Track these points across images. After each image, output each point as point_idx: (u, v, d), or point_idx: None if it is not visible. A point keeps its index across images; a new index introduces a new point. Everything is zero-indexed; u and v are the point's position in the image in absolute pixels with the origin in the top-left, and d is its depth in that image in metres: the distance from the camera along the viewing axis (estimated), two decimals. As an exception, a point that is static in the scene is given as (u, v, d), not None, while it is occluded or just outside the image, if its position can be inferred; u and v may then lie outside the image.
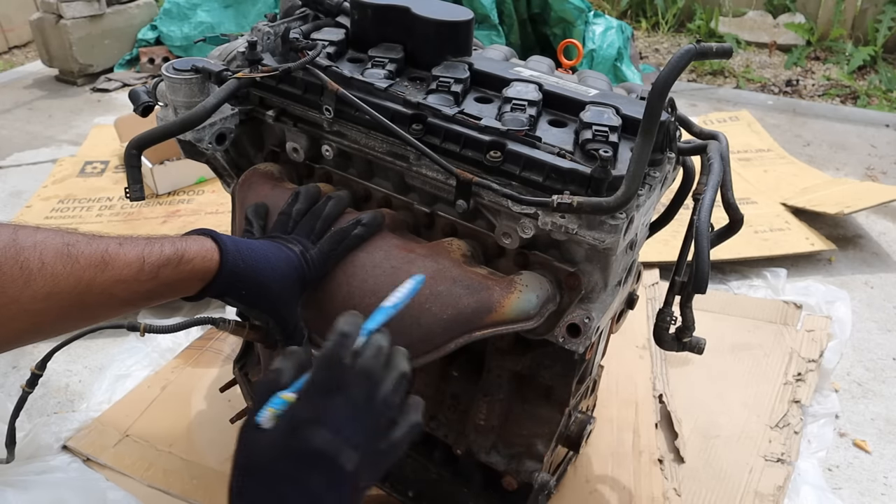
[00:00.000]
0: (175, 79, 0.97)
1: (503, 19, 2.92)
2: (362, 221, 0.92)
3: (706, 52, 0.74)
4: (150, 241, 0.76)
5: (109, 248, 0.72)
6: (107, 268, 0.71)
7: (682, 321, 0.97)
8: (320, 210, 0.94)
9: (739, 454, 1.39)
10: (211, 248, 0.80)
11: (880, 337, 1.79)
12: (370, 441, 0.67)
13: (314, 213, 0.94)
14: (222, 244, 0.81)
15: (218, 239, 0.82)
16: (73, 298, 0.68)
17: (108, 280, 0.71)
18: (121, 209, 2.23)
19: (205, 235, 0.82)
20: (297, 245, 0.89)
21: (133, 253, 0.73)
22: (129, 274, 0.72)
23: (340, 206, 0.96)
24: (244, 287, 0.82)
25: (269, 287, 0.84)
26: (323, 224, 0.93)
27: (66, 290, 0.67)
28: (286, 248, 0.88)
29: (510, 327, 0.84)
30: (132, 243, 0.75)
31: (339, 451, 0.64)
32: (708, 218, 0.85)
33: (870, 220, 2.26)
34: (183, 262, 0.77)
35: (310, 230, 0.92)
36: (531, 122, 0.88)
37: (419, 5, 0.98)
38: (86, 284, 0.69)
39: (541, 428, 1.05)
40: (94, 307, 0.72)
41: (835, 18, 3.81)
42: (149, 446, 1.37)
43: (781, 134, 2.88)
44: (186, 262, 0.77)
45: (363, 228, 0.92)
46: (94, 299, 0.70)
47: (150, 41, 3.54)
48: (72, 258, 0.68)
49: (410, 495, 1.23)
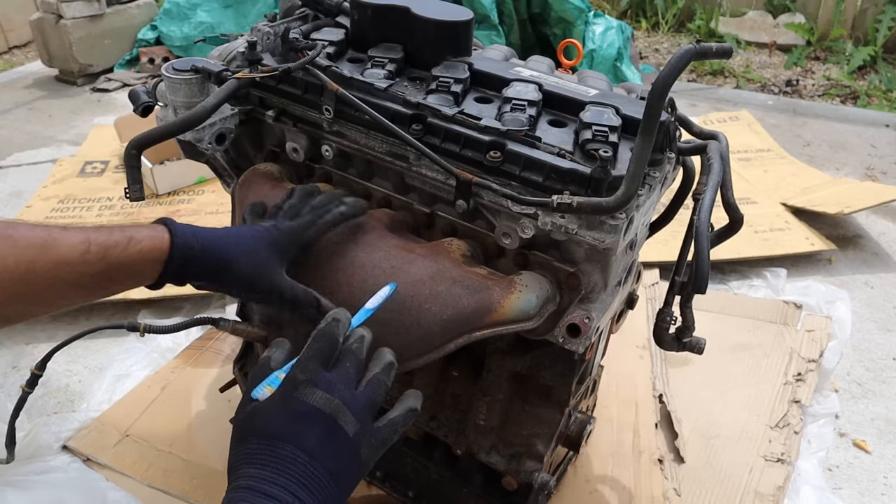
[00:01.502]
0: (175, 79, 0.97)
1: (503, 19, 2.92)
2: (344, 200, 0.93)
3: (706, 52, 0.74)
4: (99, 228, 0.77)
5: (52, 231, 0.73)
6: (49, 249, 0.72)
7: (682, 321, 0.97)
8: (309, 199, 0.94)
9: (739, 454, 1.39)
10: (161, 230, 0.80)
11: (880, 337, 1.79)
12: (367, 415, 0.69)
13: (301, 198, 0.94)
14: (172, 226, 0.81)
15: (169, 223, 0.82)
16: (16, 278, 0.70)
17: (51, 261, 0.72)
18: (121, 209, 2.23)
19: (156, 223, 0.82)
20: (270, 220, 0.90)
21: (78, 236, 0.74)
22: (74, 256, 0.73)
23: (328, 199, 0.95)
24: (201, 265, 0.82)
25: (230, 263, 0.83)
26: (311, 208, 0.93)
27: (7, 271, 0.69)
28: (255, 225, 0.89)
29: (510, 327, 0.84)
30: (78, 228, 0.76)
31: (337, 410, 0.66)
32: (708, 218, 0.85)
33: (870, 220, 2.26)
34: (132, 244, 0.77)
35: (293, 216, 0.92)
36: (531, 122, 0.88)
37: (419, 5, 0.98)
38: (27, 264, 0.70)
39: (541, 428, 1.05)
40: (40, 288, 0.73)
41: (835, 18, 3.81)
42: (149, 446, 1.37)
43: (781, 134, 2.88)
44: (135, 244, 0.77)
45: (346, 207, 0.92)
46: (39, 279, 0.72)
47: (150, 41, 3.53)
48: (11, 240, 0.70)
49: (410, 495, 1.23)
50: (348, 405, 0.67)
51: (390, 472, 1.26)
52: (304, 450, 0.64)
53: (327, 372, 0.69)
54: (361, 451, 0.68)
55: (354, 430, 0.67)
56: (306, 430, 0.65)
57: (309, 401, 0.66)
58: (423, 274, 0.87)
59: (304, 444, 0.64)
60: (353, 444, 0.67)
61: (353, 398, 0.68)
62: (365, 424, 0.68)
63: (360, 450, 0.68)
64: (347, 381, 0.69)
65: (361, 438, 0.67)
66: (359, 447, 0.67)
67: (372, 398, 0.70)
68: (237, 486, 0.63)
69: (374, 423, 0.70)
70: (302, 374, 0.68)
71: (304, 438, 0.65)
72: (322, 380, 0.68)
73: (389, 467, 1.25)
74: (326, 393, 0.67)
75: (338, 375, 0.69)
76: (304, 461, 0.64)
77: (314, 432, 0.65)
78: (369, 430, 0.69)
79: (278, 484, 0.62)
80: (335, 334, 0.72)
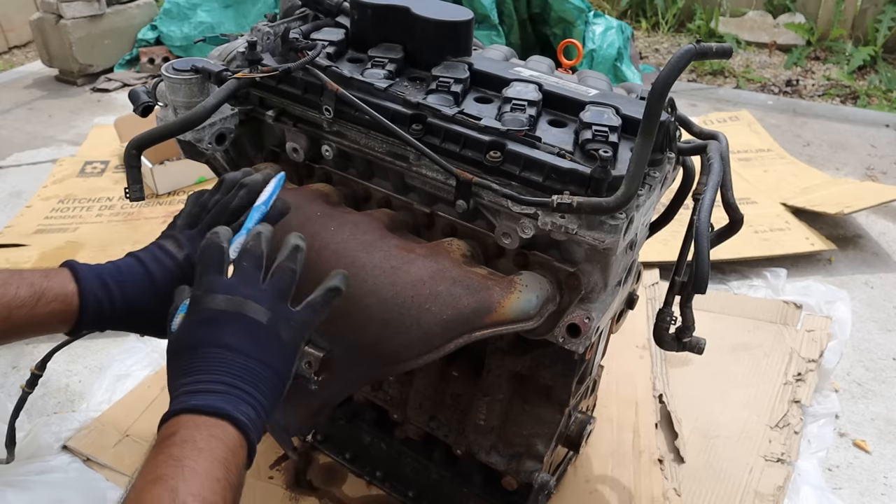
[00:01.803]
0: (175, 79, 0.97)
1: (503, 19, 2.92)
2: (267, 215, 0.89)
3: (706, 52, 0.74)
4: (6, 282, 0.74)
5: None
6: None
7: (682, 321, 0.97)
8: (228, 203, 0.87)
9: (739, 454, 1.39)
10: (71, 290, 0.77)
11: (880, 337, 1.79)
12: (278, 302, 0.72)
13: (222, 207, 0.87)
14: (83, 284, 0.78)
15: (80, 278, 0.78)
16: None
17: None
18: (121, 209, 2.23)
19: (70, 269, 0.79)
20: (185, 248, 0.84)
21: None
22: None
23: (252, 196, 0.86)
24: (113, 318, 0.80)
25: (144, 313, 0.81)
26: (228, 219, 0.86)
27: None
28: (166, 255, 0.83)
29: (510, 327, 0.84)
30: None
31: (240, 305, 0.70)
32: (708, 218, 0.85)
33: (870, 220, 2.26)
34: (40, 304, 0.75)
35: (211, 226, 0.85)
36: (531, 122, 0.88)
37: (419, 5, 0.98)
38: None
39: (541, 428, 1.05)
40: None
41: (835, 18, 3.81)
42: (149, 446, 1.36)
43: (781, 134, 2.88)
44: (44, 305, 0.75)
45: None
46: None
47: (150, 41, 3.54)
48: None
49: (410, 495, 1.24)
50: (254, 299, 0.70)
51: (390, 472, 1.26)
52: (221, 346, 0.68)
53: (221, 276, 0.72)
54: (281, 335, 0.71)
55: (266, 317, 0.70)
56: (218, 330, 0.69)
57: (211, 306, 0.70)
58: (423, 274, 0.87)
59: (219, 341, 0.68)
60: (268, 329, 0.70)
61: (259, 291, 0.71)
62: (278, 311, 0.71)
63: (279, 333, 0.71)
64: (247, 279, 0.72)
65: (277, 323, 0.71)
66: (276, 331, 0.71)
67: (279, 286, 0.73)
68: (175, 396, 0.67)
69: (290, 308, 0.73)
70: (199, 289, 0.72)
71: (219, 336, 0.68)
72: (219, 285, 0.71)
73: (389, 467, 1.25)
74: (227, 295, 0.70)
75: (236, 277, 0.72)
76: (223, 354, 0.67)
77: (225, 329, 0.69)
78: (284, 314, 0.72)
79: (207, 381, 0.66)
80: (217, 243, 0.74)
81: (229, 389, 0.66)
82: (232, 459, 0.62)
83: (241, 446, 0.64)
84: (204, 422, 0.63)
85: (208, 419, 0.63)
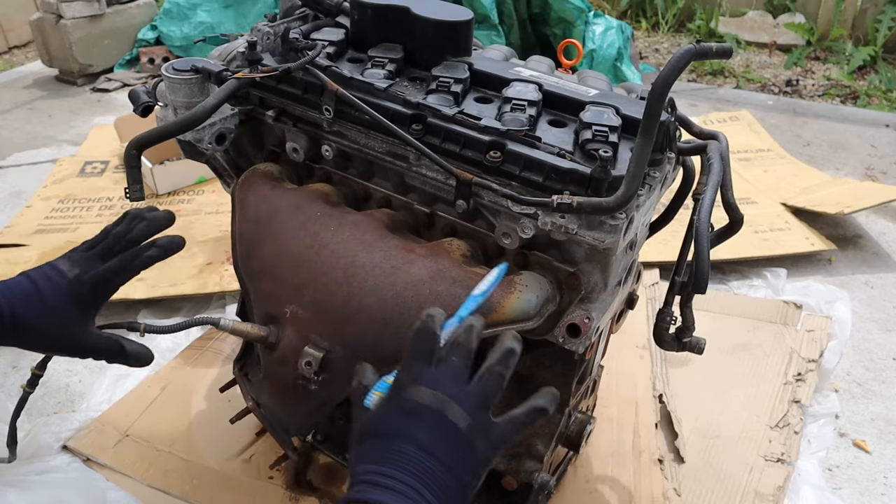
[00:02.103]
0: (175, 79, 0.97)
1: (503, 19, 2.92)
2: (158, 244, 0.91)
3: (706, 52, 0.74)
4: None
5: None
6: None
7: (682, 321, 0.97)
8: (125, 232, 0.91)
9: (739, 454, 1.39)
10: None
11: (880, 337, 1.79)
12: (481, 409, 0.68)
13: (118, 235, 0.91)
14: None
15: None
16: None
17: None
18: (121, 209, 2.23)
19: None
20: (76, 268, 0.87)
21: None
22: None
23: (151, 229, 0.93)
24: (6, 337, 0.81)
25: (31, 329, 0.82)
26: (124, 246, 0.91)
27: None
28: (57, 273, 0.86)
29: (510, 327, 0.84)
30: None
31: (443, 404, 0.66)
32: (708, 218, 0.85)
33: (870, 220, 2.26)
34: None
35: (107, 252, 0.90)
36: (531, 122, 0.88)
37: (419, 5, 0.98)
38: None
39: (541, 428, 1.05)
40: None
41: (835, 18, 3.81)
42: (149, 446, 1.37)
43: (781, 134, 2.88)
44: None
45: (157, 250, 0.91)
46: None
47: (150, 41, 3.53)
48: None
49: (410, 495, 1.23)
50: (457, 399, 0.67)
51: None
52: (414, 443, 0.65)
53: (431, 366, 0.69)
54: (476, 445, 0.67)
55: (466, 423, 0.66)
56: (415, 426, 0.66)
57: (415, 398, 0.66)
58: (424, 274, 0.87)
59: (414, 439, 0.65)
60: (465, 437, 0.66)
61: (463, 392, 0.68)
62: (478, 418, 0.67)
63: (475, 443, 0.67)
64: (455, 375, 0.69)
65: (475, 432, 0.67)
66: (471, 440, 0.67)
67: (484, 391, 0.69)
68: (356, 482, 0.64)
69: (491, 418, 0.69)
70: (405, 375, 0.69)
71: (414, 433, 0.65)
72: (426, 376, 0.68)
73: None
74: (432, 389, 0.67)
75: (444, 371, 0.69)
76: (416, 454, 0.64)
77: (423, 427, 0.66)
78: (484, 424, 0.68)
79: (394, 477, 0.63)
80: (431, 328, 0.71)
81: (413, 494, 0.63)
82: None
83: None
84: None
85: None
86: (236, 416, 1.27)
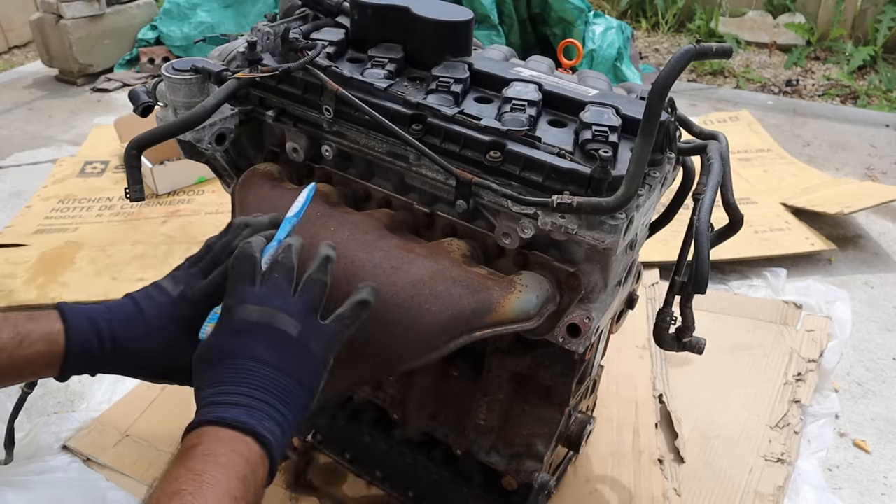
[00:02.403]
0: (175, 79, 0.97)
1: (503, 19, 2.92)
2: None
3: (706, 52, 0.74)
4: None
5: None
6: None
7: (682, 321, 0.97)
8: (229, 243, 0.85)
9: (739, 454, 1.39)
10: (57, 330, 0.74)
11: (880, 337, 1.79)
12: (309, 315, 0.72)
13: (223, 246, 0.85)
14: (69, 322, 0.75)
15: (66, 317, 0.75)
16: None
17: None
18: (121, 209, 2.23)
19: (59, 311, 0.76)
20: (180, 285, 0.81)
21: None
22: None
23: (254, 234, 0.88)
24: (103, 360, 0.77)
25: (135, 356, 0.78)
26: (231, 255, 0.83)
27: None
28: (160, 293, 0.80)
29: (510, 327, 0.84)
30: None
31: (272, 317, 0.70)
32: (708, 218, 0.85)
33: (870, 220, 2.26)
34: (23, 346, 0.72)
35: (213, 264, 0.84)
36: (531, 122, 0.88)
37: (419, 5, 0.98)
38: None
39: (541, 428, 1.05)
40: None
41: (835, 18, 3.81)
42: (149, 446, 1.37)
43: (781, 134, 2.88)
44: (27, 347, 0.72)
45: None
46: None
47: (150, 41, 3.53)
48: None
49: (410, 495, 1.24)
50: (285, 310, 0.70)
51: (390, 473, 1.26)
52: (251, 358, 0.68)
53: (254, 286, 0.72)
54: (311, 348, 0.71)
55: (297, 330, 0.70)
56: (249, 341, 0.69)
57: (244, 317, 0.70)
58: (423, 274, 0.87)
59: (250, 354, 0.68)
60: (299, 342, 0.70)
61: (289, 304, 0.72)
62: (308, 324, 0.72)
63: (309, 346, 0.71)
64: (279, 290, 0.72)
65: (307, 336, 0.71)
66: (306, 344, 0.71)
67: (309, 299, 0.73)
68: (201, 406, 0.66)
69: (320, 321, 0.73)
70: (232, 300, 0.72)
71: (250, 348, 0.68)
72: (252, 296, 0.71)
73: (389, 467, 1.25)
74: (259, 306, 0.70)
75: (268, 288, 0.72)
76: (255, 367, 0.67)
77: (256, 341, 0.69)
78: (314, 328, 0.72)
79: (239, 392, 0.66)
80: (250, 252, 0.74)
81: (256, 404, 0.65)
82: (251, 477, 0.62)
83: (262, 463, 0.64)
84: (228, 436, 0.63)
85: (232, 433, 0.63)
86: (236, 416, 1.27)
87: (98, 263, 1.92)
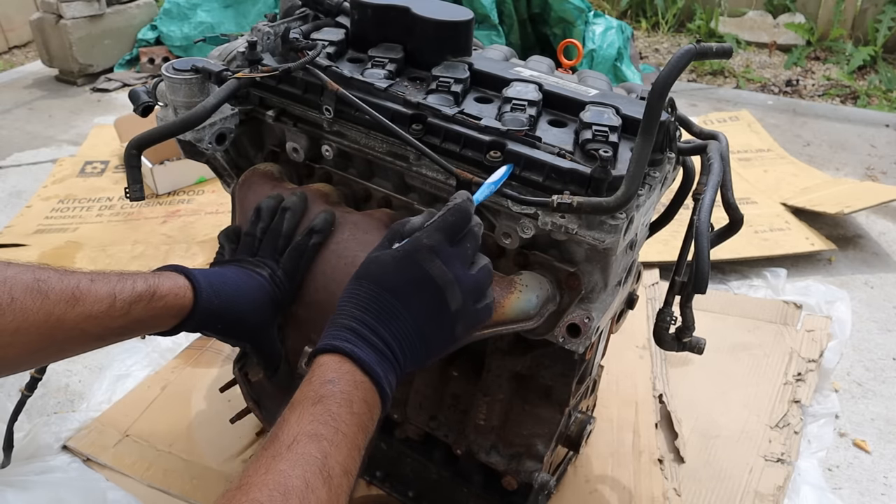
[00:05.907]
0: (175, 79, 0.97)
1: (503, 19, 2.92)
2: (315, 229, 0.93)
3: (706, 52, 0.74)
4: (123, 278, 0.76)
5: (81, 283, 0.72)
6: (77, 303, 0.71)
7: (682, 321, 0.97)
8: (279, 227, 0.93)
9: (739, 454, 1.39)
10: (184, 285, 0.80)
11: (880, 337, 1.79)
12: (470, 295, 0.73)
13: (274, 232, 0.93)
14: (195, 281, 0.81)
15: (191, 276, 0.81)
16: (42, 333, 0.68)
17: (78, 316, 0.71)
18: (121, 209, 2.23)
19: (177, 272, 0.81)
20: (265, 269, 0.89)
21: (104, 289, 0.73)
22: (100, 310, 0.72)
23: (295, 219, 0.94)
24: (221, 322, 0.83)
25: (244, 319, 0.85)
26: (284, 242, 0.92)
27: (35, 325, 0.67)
28: (255, 273, 0.88)
29: (510, 327, 0.84)
30: (104, 279, 0.74)
31: (448, 285, 0.70)
32: (708, 218, 0.85)
33: (870, 220, 2.26)
34: (155, 298, 0.76)
35: (273, 250, 0.92)
36: (531, 122, 0.88)
37: (419, 5, 0.98)
38: (56, 319, 0.69)
39: (541, 428, 1.05)
40: (63, 342, 0.72)
41: (835, 18, 3.81)
42: (149, 446, 1.37)
43: (781, 134, 2.88)
44: (159, 299, 0.77)
45: (318, 236, 0.92)
46: (65, 335, 0.70)
47: (150, 41, 3.54)
48: (42, 293, 0.68)
49: (410, 495, 1.23)
50: (459, 282, 0.70)
51: (390, 472, 1.26)
52: (408, 309, 0.68)
53: (450, 246, 0.71)
54: (457, 328, 0.71)
55: (457, 306, 0.70)
56: (416, 294, 0.69)
57: (427, 268, 0.69)
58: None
59: (409, 305, 0.68)
60: (452, 318, 0.71)
61: (465, 277, 0.72)
62: (467, 303, 0.72)
63: (456, 326, 0.71)
64: (464, 260, 0.73)
65: (460, 315, 0.71)
66: (455, 323, 0.71)
67: (480, 281, 0.74)
68: (341, 325, 0.67)
69: (475, 306, 0.74)
70: (427, 240, 0.70)
71: (412, 300, 0.68)
72: (444, 252, 0.71)
73: (389, 467, 1.25)
74: (444, 266, 0.70)
75: (458, 252, 0.72)
76: (406, 320, 0.68)
77: (422, 298, 0.69)
78: (469, 310, 0.72)
79: (380, 335, 0.66)
80: (469, 213, 0.74)
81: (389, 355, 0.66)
82: (371, 428, 0.64)
83: (377, 416, 0.65)
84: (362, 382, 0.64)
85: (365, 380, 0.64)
86: (236, 416, 1.27)
87: (98, 263, 1.92)
